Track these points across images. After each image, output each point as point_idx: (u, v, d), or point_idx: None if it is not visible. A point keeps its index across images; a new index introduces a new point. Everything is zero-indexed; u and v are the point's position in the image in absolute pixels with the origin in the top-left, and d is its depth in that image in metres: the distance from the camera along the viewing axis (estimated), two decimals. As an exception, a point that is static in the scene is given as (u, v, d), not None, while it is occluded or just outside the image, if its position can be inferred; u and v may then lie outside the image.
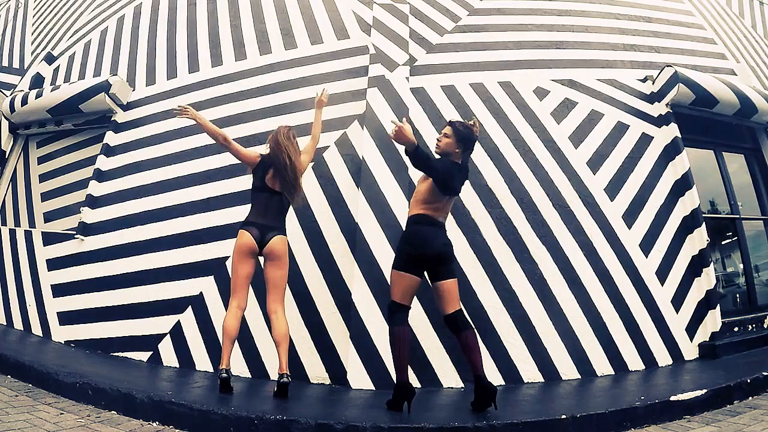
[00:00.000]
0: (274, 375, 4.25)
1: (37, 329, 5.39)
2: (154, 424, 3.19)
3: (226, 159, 5.18)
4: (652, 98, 5.79)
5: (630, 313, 4.75)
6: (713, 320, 4.92)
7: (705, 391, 3.56)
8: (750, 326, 5.41)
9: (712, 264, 5.08)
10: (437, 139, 3.62)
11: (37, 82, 7.06)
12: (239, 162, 5.03)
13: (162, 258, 5.06)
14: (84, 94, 6.06)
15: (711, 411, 3.49)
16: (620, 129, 5.54)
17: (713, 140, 6.12)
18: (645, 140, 5.55)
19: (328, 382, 4.23)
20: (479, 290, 4.53)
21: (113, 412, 3.33)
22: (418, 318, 4.23)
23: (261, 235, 3.73)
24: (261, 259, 3.81)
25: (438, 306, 3.48)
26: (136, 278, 5.07)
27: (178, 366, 4.61)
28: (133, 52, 6.61)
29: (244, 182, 4.91)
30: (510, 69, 5.63)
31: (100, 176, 5.76)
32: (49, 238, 5.78)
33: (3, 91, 7.22)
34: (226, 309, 4.40)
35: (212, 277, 4.82)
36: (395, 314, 3.38)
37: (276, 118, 5.30)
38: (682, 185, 5.35)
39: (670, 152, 5.50)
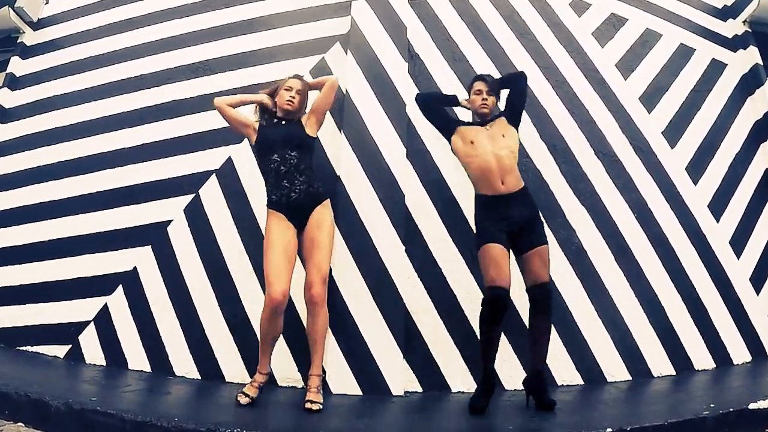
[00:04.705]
0: (228, 376, 4.24)
1: None
2: (74, 439, 3.13)
3: (167, 94, 5.25)
4: (725, 14, 5.77)
5: (696, 295, 4.65)
6: (805, 305, 4.88)
7: (794, 397, 3.55)
8: None
9: (802, 230, 5.02)
10: (483, 100, 3.93)
11: None
12: (182, 98, 4.91)
13: (84, 222, 4.91)
14: (-19, 8, 5.98)
15: (802, 423, 3.45)
16: (683, 54, 5.49)
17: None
18: (716, 68, 5.49)
19: (301, 385, 4.10)
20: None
21: (20, 424, 3.26)
22: (419, 309, 4.28)
23: None
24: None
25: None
26: (50, 249, 4.91)
27: (104, 364, 4.49)
28: (46, -47, 6.56)
29: (189, 124, 5.16)
30: (540, -25, 5.61)
31: (4, 115, 5.59)
32: (-63, 198, 5.73)
33: None
34: (167, 288, 4.59)
35: (149, 247, 4.71)
36: None
37: (233, 39, 5.29)
38: (765, 127, 5.27)
39: (748, 84, 5.45)
